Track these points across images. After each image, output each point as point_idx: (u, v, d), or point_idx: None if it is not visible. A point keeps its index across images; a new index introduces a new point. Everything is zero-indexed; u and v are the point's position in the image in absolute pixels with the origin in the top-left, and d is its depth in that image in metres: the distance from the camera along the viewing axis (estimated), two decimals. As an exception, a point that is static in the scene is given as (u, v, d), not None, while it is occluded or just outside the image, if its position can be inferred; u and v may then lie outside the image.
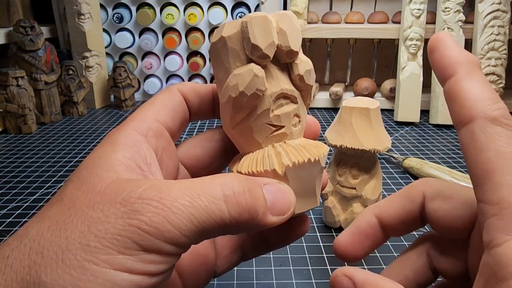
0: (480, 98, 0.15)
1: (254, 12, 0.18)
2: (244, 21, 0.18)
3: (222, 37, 0.18)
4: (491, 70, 0.71)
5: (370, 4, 0.89)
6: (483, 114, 0.15)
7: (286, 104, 0.19)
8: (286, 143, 0.19)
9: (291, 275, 0.31)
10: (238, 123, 0.19)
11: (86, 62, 0.84)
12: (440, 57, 0.17)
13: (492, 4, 0.70)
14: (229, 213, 0.16)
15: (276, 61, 0.18)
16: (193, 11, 0.87)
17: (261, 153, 0.19)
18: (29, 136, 0.67)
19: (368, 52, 0.89)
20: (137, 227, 0.14)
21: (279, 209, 0.17)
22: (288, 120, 0.19)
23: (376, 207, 0.21)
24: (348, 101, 0.33)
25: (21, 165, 0.54)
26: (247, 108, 0.18)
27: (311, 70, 0.19)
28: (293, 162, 0.18)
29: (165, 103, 0.20)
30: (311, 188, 0.19)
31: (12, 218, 0.40)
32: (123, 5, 0.89)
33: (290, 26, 0.18)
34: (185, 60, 0.93)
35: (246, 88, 0.18)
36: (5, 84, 0.66)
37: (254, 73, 0.17)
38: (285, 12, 0.18)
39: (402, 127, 0.72)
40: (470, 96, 0.16)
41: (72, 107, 0.80)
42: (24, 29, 0.71)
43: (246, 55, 0.18)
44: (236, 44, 0.18)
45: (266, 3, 0.84)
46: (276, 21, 0.18)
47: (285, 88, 0.19)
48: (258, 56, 0.18)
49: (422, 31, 0.73)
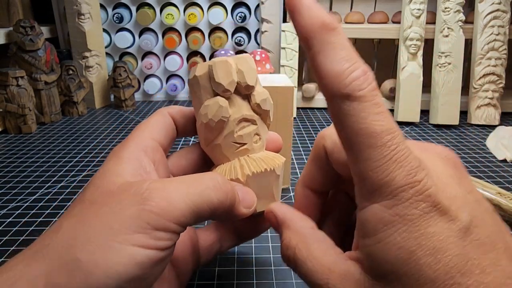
0: (332, 74, 0.16)
1: (217, 57, 0.23)
2: (210, 64, 0.23)
3: (195, 76, 0.23)
4: (491, 70, 0.71)
5: (370, 4, 0.89)
6: (337, 92, 0.16)
7: (247, 126, 0.24)
8: (249, 156, 0.24)
9: (291, 275, 0.31)
10: (210, 142, 0.24)
11: (86, 62, 0.84)
12: (298, 26, 0.17)
13: (492, 4, 0.70)
14: (216, 198, 0.20)
15: (238, 93, 0.24)
16: (193, 11, 0.87)
17: (229, 165, 0.24)
18: (29, 136, 0.67)
19: (368, 52, 0.88)
20: (148, 210, 0.18)
21: (247, 203, 0.23)
22: (249, 138, 0.24)
23: (302, 178, 0.24)
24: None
25: (21, 165, 0.54)
26: (216, 131, 0.24)
27: (266, 98, 0.24)
28: (252, 172, 0.23)
29: (158, 124, 0.25)
30: (269, 191, 0.24)
31: (12, 218, 0.40)
32: (123, 5, 0.89)
33: (247, 67, 0.23)
34: (185, 60, 0.93)
35: (214, 116, 0.23)
36: (5, 84, 0.66)
37: (219, 104, 0.23)
38: (243, 55, 0.24)
39: (402, 127, 0.72)
40: (325, 73, 0.17)
41: (72, 107, 0.80)
42: (24, 29, 0.71)
43: (213, 90, 0.23)
44: (205, 81, 0.23)
45: (266, 3, 0.84)
46: (235, 63, 0.23)
47: (245, 113, 0.24)
48: (222, 91, 0.23)
49: (422, 31, 0.73)
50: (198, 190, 0.20)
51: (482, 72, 0.72)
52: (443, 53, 0.71)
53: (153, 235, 0.18)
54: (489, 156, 0.57)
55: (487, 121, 0.73)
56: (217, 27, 0.90)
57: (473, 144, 0.63)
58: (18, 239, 0.36)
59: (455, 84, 0.71)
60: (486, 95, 0.72)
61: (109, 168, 0.22)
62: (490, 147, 0.60)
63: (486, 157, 0.57)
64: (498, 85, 0.72)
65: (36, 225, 0.39)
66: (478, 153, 0.58)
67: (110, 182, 0.20)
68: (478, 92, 0.73)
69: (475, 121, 0.73)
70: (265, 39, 0.86)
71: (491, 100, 0.72)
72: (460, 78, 0.72)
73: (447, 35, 0.71)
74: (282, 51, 0.80)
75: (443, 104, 0.71)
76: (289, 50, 0.79)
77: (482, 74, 0.72)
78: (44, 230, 0.20)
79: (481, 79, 0.72)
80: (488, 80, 0.72)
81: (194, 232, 0.28)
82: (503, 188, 0.46)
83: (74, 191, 0.46)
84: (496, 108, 0.72)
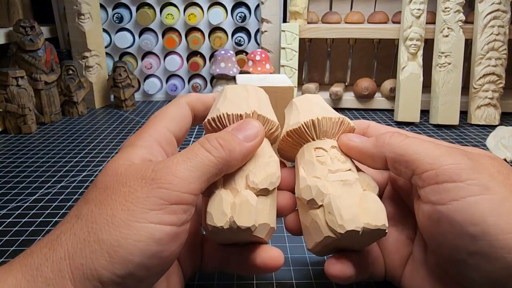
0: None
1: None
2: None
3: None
4: (491, 70, 0.71)
5: (370, 4, 0.89)
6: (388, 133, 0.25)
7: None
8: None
9: (291, 275, 0.31)
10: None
11: (86, 62, 0.84)
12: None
13: (492, 4, 0.70)
14: (213, 155, 0.22)
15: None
16: (193, 11, 0.87)
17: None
18: (29, 136, 0.67)
19: (368, 52, 0.89)
20: (158, 188, 0.20)
21: (250, 136, 0.24)
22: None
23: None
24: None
25: (21, 165, 0.54)
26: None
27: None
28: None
29: (175, 115, 0.26)
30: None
31: (12, 218, 0.40)
32: (123, 5, 0.89)
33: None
34: (185, 60, 0.93)
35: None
36: (5, 84, 0.66)
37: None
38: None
39: (402, 127, 0.72)
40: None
41: (72, 107, 0.80)
42: (24, 29, 0.71)
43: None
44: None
45: (266, 3, 0.84)
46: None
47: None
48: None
49: (422, 31, 0.73)
50: (195, 157, 0.21)
51: (482, 72, 0.72)
52: (443, 53, 0.71)
53: (168, 210, 0.20)
54: (489, 156, 0.57)
55: (487, 121, 0.73)
56: (217, 27, 0.90)
57: (473, 144, 0.62)
58: (18, 239, 0.36)
59: (455, 84, 0.71)
60: (486, 95, 0.72)
61: (121, 155, 0.23)
62: (490, 147, 0.60)
63: (486, 157, 0.57)
64: (498, 85, 0.72)
65: (36, 225, 0.39)
66: (478, 153, 0.58)
67: (118, 165, 0.22)
68: (478, 92, 0.73)
69: (475, 121, 0.73)
70: (265, 39, 0.86)
71: (491, 100, 0.72)
72: (460, 78, 0.72)
73: (447, 35, 0.71)
74: (282, 51, 0.80)
75: (443, 104, 0.71)
76: (289, 50, 0.79)
77: (482, 74, 0.72)
78: (63, 220, 0.21)
79: (481, 79, 0.72)
80: (488, 80, 0.72)
81: (199, 231, 0.28)
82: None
83: (74, 191, 0.46)
84: (496, 108, 0.72)
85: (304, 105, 0.27)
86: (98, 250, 0.18)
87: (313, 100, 0.27)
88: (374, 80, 0.84)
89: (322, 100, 0.28)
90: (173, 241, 0.20)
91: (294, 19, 0.81)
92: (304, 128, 0.26)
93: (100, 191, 0.21)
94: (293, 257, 0.33)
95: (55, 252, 0.19)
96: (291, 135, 0.27)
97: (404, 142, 0.23)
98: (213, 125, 0.26)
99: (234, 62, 0.82)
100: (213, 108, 0.27)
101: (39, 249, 0.19)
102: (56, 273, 0.18)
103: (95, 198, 0.20)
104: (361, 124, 0.28)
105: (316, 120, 0.26)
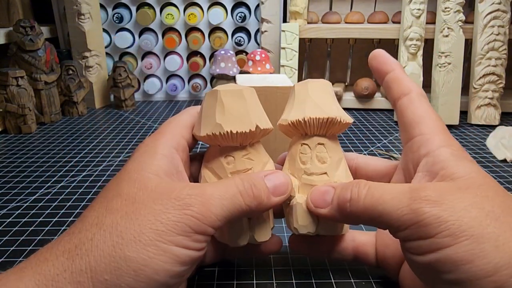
0: (412, 81, 0.27)
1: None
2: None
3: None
4: (491, 70, 0.71)
5: (370, 4, 0.89)
6: (416, 89, 0.26)
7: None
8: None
9: (291, 275, 0.31)
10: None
11: (86, 62, 0.84)
12: (380, 60, 0.29)
13: (492, 4, 0.70)
14: (244, 202, 0.22)
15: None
16: (193, 11, 0.87)
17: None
18: (29, 136, 0.67)
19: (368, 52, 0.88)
20: (190, 215, 0.20)
21: (279, 191, 0.24)
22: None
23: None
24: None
25: (21, 165, 0.54)
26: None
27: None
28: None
29: (187, 123, 0.27)
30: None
31: (12, 218, 0.40)
32: (123, 5, 0.89)
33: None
34: (185, 60, 0.93)
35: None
36: (5, 84, 0.66)
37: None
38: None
39: (402, 127, 0.72)
40: (407, 79, 0.27)
41: (72, 107, 0.80)
42: (24, 29, 0.71)
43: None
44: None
45: (266, 3, 0.84)
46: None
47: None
48: None
49: (422, 31, 0.73)
50: (229, 195, 0.22)
51: (482, 72, 0.72)
52: (443, 53, 0.71)
53: (193, 238, 0.20)
54: (489, 156, 0.57)
55: (487, 121, 0.73)
56: (217, 27, 0.90)
57: (473, 144, 0.63)
58: (18, 239, 0.36)
59: (455, 84, 0.71)
60: (486, 95, 0.72)
61: (145, 162, 0.23)
62: (490, 147, 0.60)
63: (486, 157, 0.57)
64: (498, 85, 0.72)
65: (36, 225, 0.39)
66: (478, 153, 0.58)
67: (147, 178, 0.22)
68: (478, 92, 0.73)
69: (475, 121, 0.73)
70: (265, 39, 0.86)
71: (491, 100, 0.72)
72: (460, 78, 0.72)
73: (447, 35, 0.71)
74: (282, 51, 0.80)
75: (443, 104, 0.71)
76: (289, 50, 0.79)
77: (482, 74, 0.72)
78: (76, 221, 0.21)
79: (481, 79, 0.72)
80: (488, 80, 0.72)
81: None
82: (503, 188, 0.46)
83: (74, 191, 0.46)
84: (496, 108, 0.72)
85: (300, 96, 0.28)
86: (124, 267, 0.18)
87: (310, 92, 0.27)
88: (374, 80, 0.84)
89: (322, 88, 0.28)
90: (193, 263, 0.21)
91: (294, 19, 0.81)
92: (292, 126, 0.27)
93: (127, 203, 0.21)
94: (293, 257, 0.33)
95: (74, 263, 0.18)
96: (281, 128, 0.28)
97: (365, 206, 0.22)
98: (214, 139, 0.25)
99: (234, 62, 0.82)
100: (210, 118, 0.25)
101: (55, 257, 0.19)
102: (75, 286, 0.18)
103: (120, 209, 0.20)
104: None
105: (303, 121, 0.26)
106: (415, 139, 0.24)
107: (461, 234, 0.19)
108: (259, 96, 0.28)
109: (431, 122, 0.24)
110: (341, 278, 0.30)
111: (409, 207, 0.20)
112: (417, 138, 0.24)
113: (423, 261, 0.20)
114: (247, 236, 0.26)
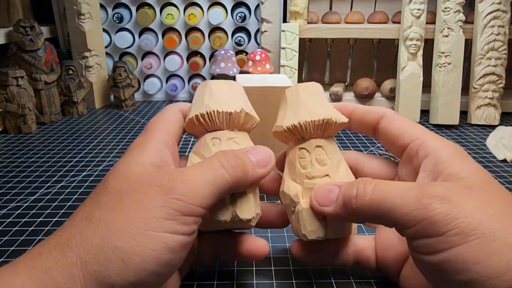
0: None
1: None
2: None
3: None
4: (491, 70, 0.71)
5: (370, 4, 0.89)
6: (388, 111, 0.27)
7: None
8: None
9: (291, 275, 0.31)
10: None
11: (86, 62, 0.84)
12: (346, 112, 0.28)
13: (492, 4, 0.70)
14: (229, 175, 0.22)
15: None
16: (193, 11, 0.87)
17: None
18: (29, 136, 0.67)
19: (368, 52, 0.89)
20: (173, 198, 0.20)
21: (263, 163, 0.24)
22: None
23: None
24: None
25: (21, 165, 0.54)
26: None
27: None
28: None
29: (174, 120, 0.27)
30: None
31: (12, 218, 0.40)
32: (123, 5, 0.89)
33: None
34: (185, 60, 0.93)
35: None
36: (5, 84, 0.66)
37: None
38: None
39: (402, 127, 0.72)
40: (375, 107, 0.28)
41: (72, 107, 0.80)
42: (24, 29, 0.70)
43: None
44: None
45: (266, 3, 0.84)
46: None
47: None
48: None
49: (422, 31, 0.73)
50: (211, 172, 0.22)
51: (482, 72, 0.72)
52: (443, 53, 0.71)
53: (181, 221, 0.20)
54: (489, 156, 0.57)
55: (487, 121, 0.73)
56: (217, 27, 0.90)
57: (473, 144, 0.63)
58: (18, 239, 0.36)
59: (455, 84, 0.71)
60: (486, 95, 0.72)
61: (133, 156, 0.23)
62: (490, 147, 0.60)
63: (486, 157, 0.57)
64: (498, 85, 0.72)
65: (36, 225, 0.39)
66: (478, 153, 0.58)
67: (132, 170, 0.22)
68: (478, 92, 0.73)
69: (475, 121, 0.73)
70: (265, 39, 0.86)
71: (491, 100, 0.72)
72: (460, 78, 0.72)
73: (447, 35, 0.71)
74: (282, 51, 0.80)
75: (443, 104, 0.71)
76: (289, 50, 0.79)
77: (482, 74, 0.72)
78: (67, 219, 0.21)
79: (481, 79, 0.72)
80: (488, 80, 0.72)
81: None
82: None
83: (74, 191, 0.46)
84: (496, 108, 0.72)
85: (293, 101, 0.27)
86: (112, 257, 0.18)
87: (301, 96, 0.27)
88: (374, 80, 0.84)
89: (312, 91, 0.27)
90: (183, 250, 0.21)
91: (294, 19, 0.81)
92: (288, 131, 0.27)
93: (113, 195, 0.21)
94: (293, 257, 0.33)
95: (66, 256, 0.19)
96: (276, 135, 0.28)
97: (371, 201, 0.22)
98: (202, 121, 0.26)
99: (234, 62, 0.82)
100: (199, 103, 0.27)
101: (47, 251, 0.19)
102: (67, 278, 0.18)
103: (107, 202, 0.21)
104: (346, 108, 0.28)
105: (298, 125, 0.26)
106: (410, 146, 0.25)
107: (471, 232, 0.19)
108: (259, 96, 0.28)
109: (416, 128, 0.25)
110: (341, 278, 0.30)
111: (417, 202, 0.20)
112: (411, 144, 0.25)
113: (432, 261, 0.20)
114: (229, 211, 0.25)
